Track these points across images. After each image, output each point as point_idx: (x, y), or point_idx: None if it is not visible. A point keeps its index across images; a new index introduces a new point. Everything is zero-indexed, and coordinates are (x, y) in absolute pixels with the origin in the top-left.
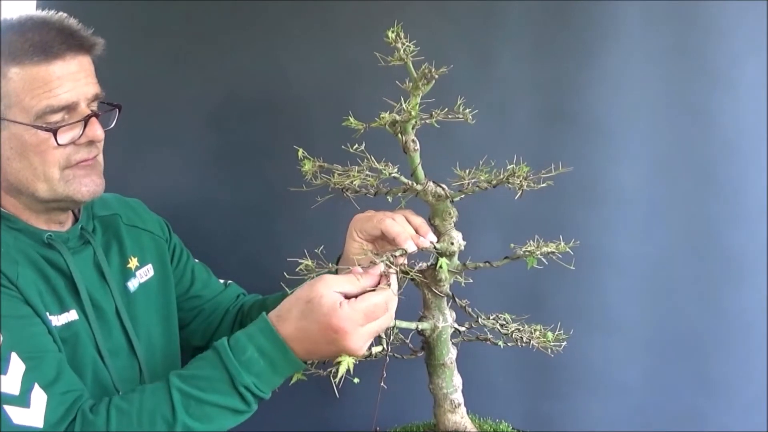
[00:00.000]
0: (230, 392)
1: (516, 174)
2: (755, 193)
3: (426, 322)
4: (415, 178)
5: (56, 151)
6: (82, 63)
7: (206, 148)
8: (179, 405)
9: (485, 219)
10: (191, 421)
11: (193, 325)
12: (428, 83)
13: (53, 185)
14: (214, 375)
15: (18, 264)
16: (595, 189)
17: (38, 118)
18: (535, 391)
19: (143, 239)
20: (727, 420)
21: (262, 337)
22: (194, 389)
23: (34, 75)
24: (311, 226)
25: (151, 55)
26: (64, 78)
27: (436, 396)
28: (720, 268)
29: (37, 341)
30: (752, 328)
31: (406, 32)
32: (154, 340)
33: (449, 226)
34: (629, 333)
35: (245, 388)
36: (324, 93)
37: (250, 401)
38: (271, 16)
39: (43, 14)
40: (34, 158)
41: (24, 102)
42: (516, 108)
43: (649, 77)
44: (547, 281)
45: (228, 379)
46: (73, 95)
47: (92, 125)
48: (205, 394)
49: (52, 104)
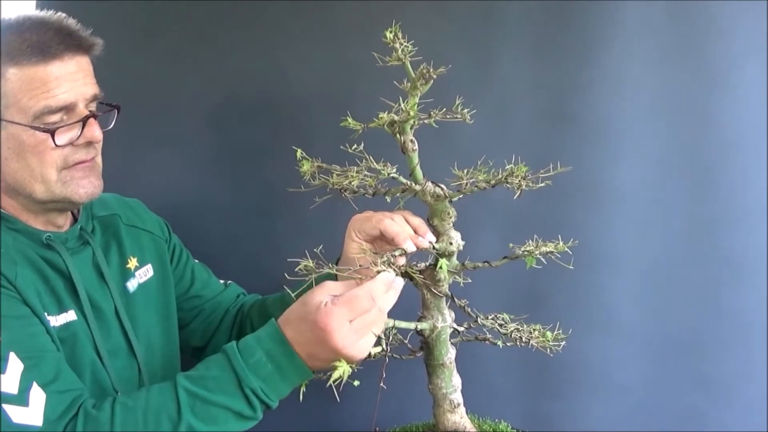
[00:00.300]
0: (237, 394)
1: (514, 174)
2: (754, 193)
3: (425, 322)
4: (414, 178)
5: (54, 152)
6: (80, 63)
7: (206, 148)
8: (185, 404)
9: (483, 219)
10: (196, 422)
11: (192, 325)
12: (426, 83)
13: (50, 186)
14: (221, 376)
15: (17, 264)
16: (594, 189)
17: (36, 119)
18: (535, 391)
19: (143, 239)
20: (727, 420)
21: (270, 341)
22: (201, 389)
23: (32, 75)
24: (311, 226)
25: (150, 55)
26: (63, 78)
27: (436, 396)
28: (719, 269)
29: (35, 341)
30: (751, 328)
31: (406, 32)
32: (153, 341)
33: (448, 226)
34: (629, 333)
35: (252, 391)
36: (324, 93)
37: (256, 406)
38: (271, 17)
39: (41, 14)
40: (31, 159)
41: (22, 102)
42: (515, 108)
43: (648, 77)
44: (546, 281)
45: (235, 380)
46: (72, 96)
47: (90, 126)
48: (212, 395)
49: (50, 105)
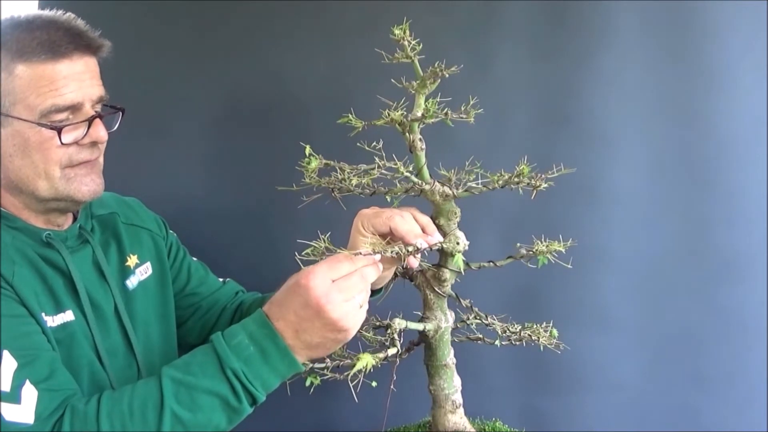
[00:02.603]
0: (218, 377)
1: (524, 174)
2: (752, 193)
3: (431, 322)
4: (422, 177)
5: (59, 149)
6: (88, 64)
7: (206, 148)
8: (168, 392)
9: (481, 219)
10: (179, 409)
11: (190, 322)
12: (434, 82)
13: (54, 183)
14: (204, 360)
15: (15, 263)
16: (592, 189)
17: (43, 117)
18: (531, 389)
19: (142, 237)
20: (722, 417)
21: (253, 324)
22: (184, 374)
23: (41, 73)
24: (311, 226)
25: (151, 56)
26: (70, 78)
27: (437, 397)
28: (715, 267)
29: (30, 340)
30: (747, 326)
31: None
32: (152, 339)
33: (454, 226)
34: (626, 331)
35: (233, 373)
36: (324, 94)
37: (240, 393)
38: (272, 18)
39: (51, 14)
40: (36, 156)
41: (29, 99)
42: (514, 109)
43: (646, 79)
44: (543, 280)
45: (217, 362)
46: (79, 95)
47: (96, 126)
48: (195, 379)
49: (57, 103)
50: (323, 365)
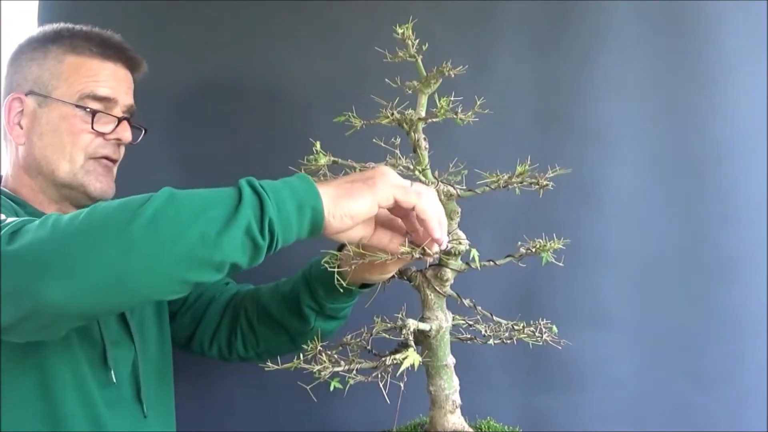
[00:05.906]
0: (228, 190)
1: (524, 174)
2: (750, 194)
3: (433, 323)
4: (425, 176)
5: (88, 136)
6: (128, 77)
7: (206, 147)
8: (157, 199)
9: (479, 219)
10: (172, 191)
11: (178, 314)
12: (437, 82)
13: (74, 168)
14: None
15: None
16: (590, 189)
17: (80, 100)
18: (528, 387)
19: None
20: (720, 416)
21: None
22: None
23: (87, 65)
24: None
25: (152, 56)
26: (112, 78)
27: (437, 397)
28: (713, 267)
29: None
30: (746, 325)
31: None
32: (148, 332)
33: (455, 226)
34: (624, 330)
35: (246, 181)
36: (325, 94)
37: (243, 188)
38: (272, 16)
39: (105, 31)
40: (66, 138)
41: (70, 81)
42: (512, 109)
43: (645, 79)
44: (540, 279)
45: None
46: (114, 93)
47: (123, 126)
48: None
49: (96, 92)
50: (347, 367)
